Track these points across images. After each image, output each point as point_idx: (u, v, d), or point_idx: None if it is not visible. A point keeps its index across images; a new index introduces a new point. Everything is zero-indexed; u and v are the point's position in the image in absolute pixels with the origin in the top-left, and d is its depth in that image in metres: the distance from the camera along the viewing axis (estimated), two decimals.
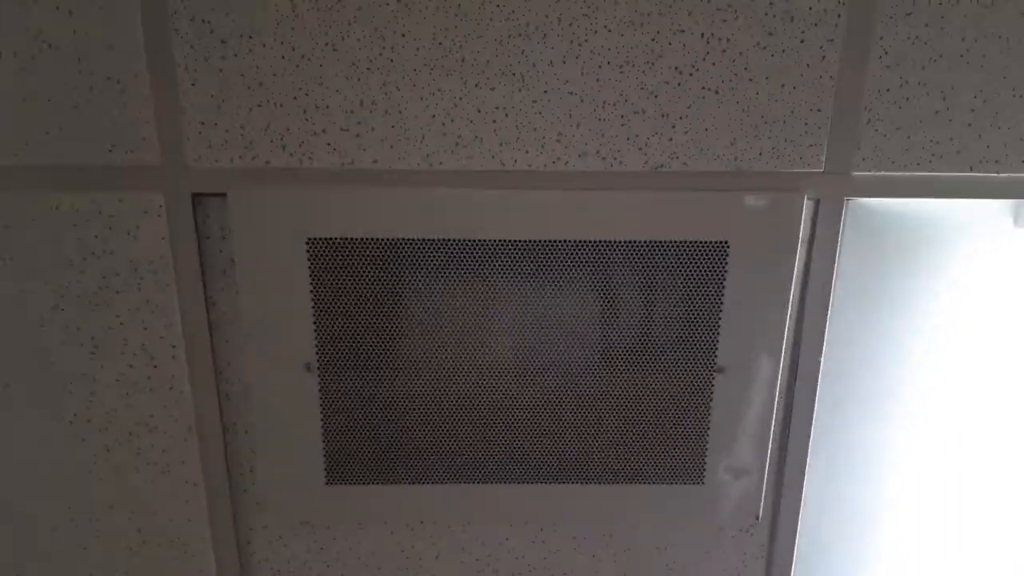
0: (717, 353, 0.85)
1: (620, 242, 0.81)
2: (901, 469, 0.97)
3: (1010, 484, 0.99)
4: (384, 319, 0.83)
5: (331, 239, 0.79)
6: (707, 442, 0.89)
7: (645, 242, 0.81)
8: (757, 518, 0.93)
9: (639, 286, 0.83)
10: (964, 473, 0.98)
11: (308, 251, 0.80)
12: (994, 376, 0.93)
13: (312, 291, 0.81)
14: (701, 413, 0.88)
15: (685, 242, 0.81)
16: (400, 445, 0.88)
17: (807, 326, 0.88)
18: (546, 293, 0.83)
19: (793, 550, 0.97)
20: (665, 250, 0.81)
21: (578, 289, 0.83)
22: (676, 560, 0.97)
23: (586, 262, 0.82)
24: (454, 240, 0.80)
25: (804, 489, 0.95)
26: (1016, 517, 1.01)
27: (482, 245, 0.81)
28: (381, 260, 0.81)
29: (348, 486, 0.89)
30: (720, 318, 0.84)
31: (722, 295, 0.83)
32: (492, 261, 0.82)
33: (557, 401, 0.87)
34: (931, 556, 1.01)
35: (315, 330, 0.83)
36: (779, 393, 0.90)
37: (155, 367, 0.85)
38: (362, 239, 0.80)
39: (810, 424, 0.92)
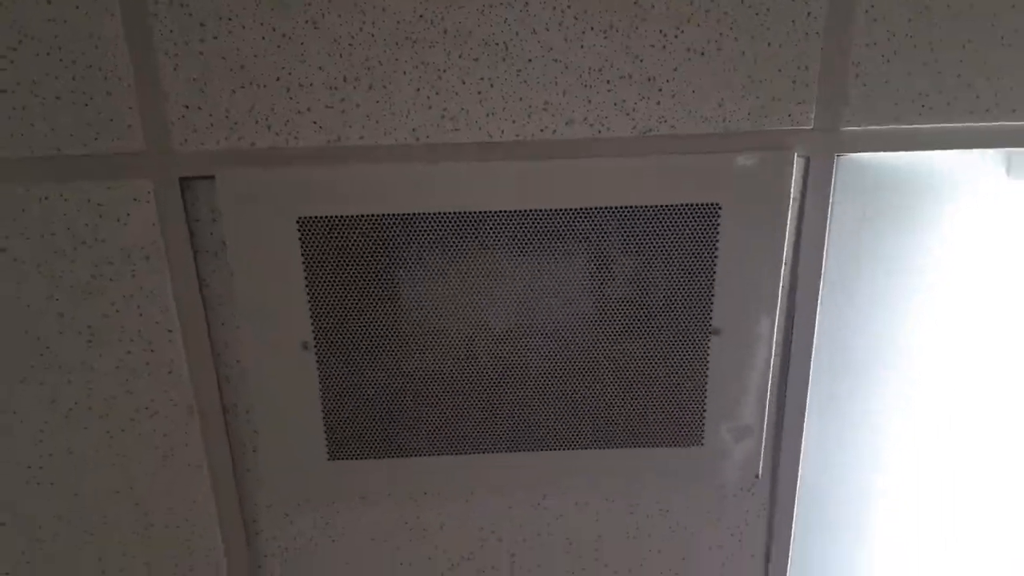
0: (712, 315, 0.88)
1: (611, 208, 0.83)
2: (898, 427, 0.99)
3: (1008, 445, 1.02)
4: (379, 294, 0.86)
5: (321, 217, 0.82)
6: (705, 404, 0.92)
7: (636, 207, 0.83)
8: (757, 477, 0.97)
9: (632, 251, 0.85)
10: (961, 433, 1.00)
11: (299, 230, 0.83)
12: (990, 333, 0.95)
13: (305, 270, 0.84)
14: (698, 375, 0.91)
15: (676, 206, 0.83)
16: (400, 418, 0.91)
17: (801, 284, 0.90)
18: (539, 262, 0.85)
19: (793, 507, 1.00)
20: (657, 214, 0.84)
21: (571, 257, 0.85)
22: (679, 522, 1.01)
23: (578, 230, 0.84)
24: (444, 213, 0.83)
25: (802, 447, 0.98)
26: (1014, 478, 1.04)
27: (472, 217, 0.83)
28: (372, 236, 0.83)
29: (350, 461, 0.93)
30: (714, 280, 0.87)
31: (715, 257, 0.86)
32: (483, 233, 0.84)
33: (554, 369, 0.90)
34: (928, 509, 1.04)
35: (310, 309, 0.86)
36: (775, 353, 0.93)
37: (152, 352, 0.89)
38: (352, 216, 0.82)
39: (807, 383, 0.94)
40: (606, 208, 0.84)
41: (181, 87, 0.80)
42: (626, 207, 0.84)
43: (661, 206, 0.84)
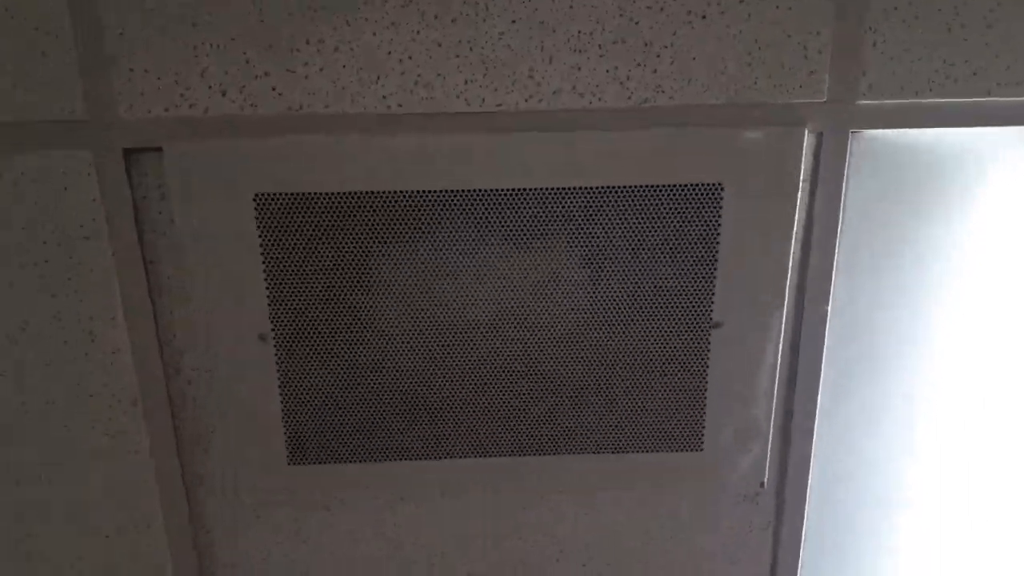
0: (713, 307, 0.88)
1: (602, 188, 0.83)
2: (920, 430, 0.99)
3: None
4: (345, 281, 0.85)
5: (281, 194, 0.82)
6: (705, 404, 0.92)
7: (630, 187, 0.83)
8: (763, 485, 0.96)
9: (625, 236, 0.85)
10: (989, 436, 1.00)
11: (256, 208, 0.82)
12: (1021, 323, 0.95)
13: (263, 253, 0.83)
14: (697, 373, 0.91)
15: (674, 186, 0.83)
16: (370, 418, 0.91)
17: (811, 274, 0.90)
18: (522, 248, 0.85)
19: (803, 519, 1.00)
20: (653, 195, 0.83)
21: (558, 241, 0.85)
22: (675, 534, 1.01)
23: (566, 212, 0.84)
24: (417, 192, 0.82)
25: (813, 453, 0.97)
26: None
27: (449, 196, 0.82)
28: (338, 216, 0.83)
29: (314, 465, 0.92)
30: (716, 268, 0.86)
31: (717, 243, 0.85)
32: (460, 214, 0.83)
33: (540, 366, 0.90)
34: (954, 520, 1.04)
35: (269, 296, 0.85)
36: (783, 349, 0.92)
37: (93, 342, 0.88)
38: (316, 194, 0.82)
39: (817, 382, 0.94)
40: (597, 188, 0.83)
41: (126, 47, 0.78)
42: (619, 187, 0.83)
43: (657, 186, 0.83)
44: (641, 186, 0.83)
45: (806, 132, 0.83)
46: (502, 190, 0.83)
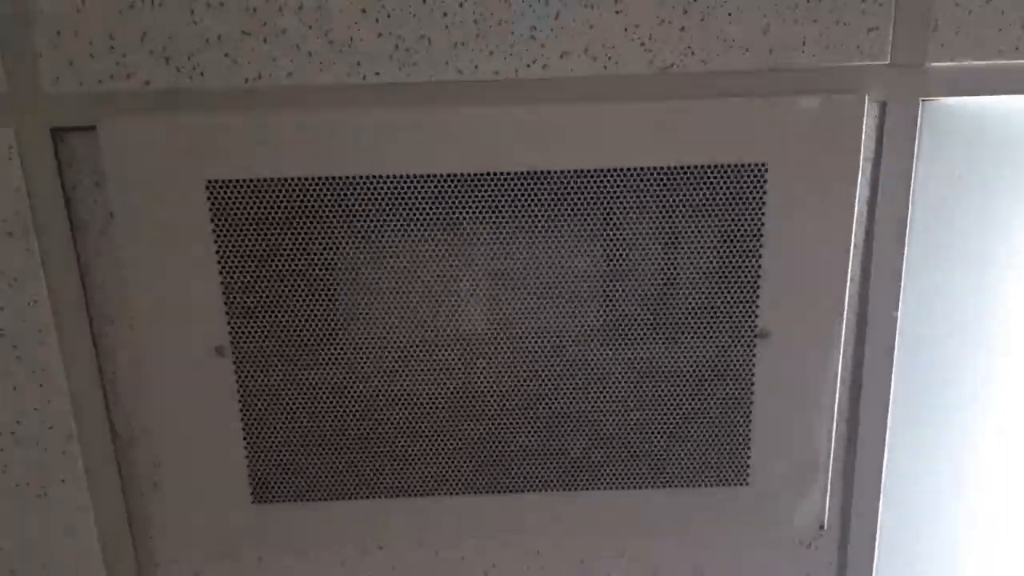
0: (758, 313, 0.85)
1: (620, 171, 0.80)
2: (1012, 463, 0.96)
3: None
4: (315, 284, 0.83)
5: (238, 181, 0.79)
6: (750, 430, 0.89)
7: (654, 170, 0.80)
8: (822, 528, 0.93)
9: (650, 228, 0.83)
10: None
11: (209, 198, 0.80)
12: None
13: (218, 251, 0.81)
14: (740, 393, 0.88)
15: (708, 167, 0.80)
16: (346, 449, 0.89)
17: (876, 271, 0.87)
18: (525, 244, 0.83)
19: (872, 568, 0.98)
20: (682, 179, 0.81)
21: (569, 236, 0.83)
22: None
23: (577, 200, 0.81)
24: (400, 176, 0.80)
25: (883, 487, 0.95)
26: None
27: (438, 182, 0.80)
28: (306, 207, 0.80)
29: (282, 504, 0.90)
30: (760, 266, 0.84)
31: (761, 235, 0.83)
32: (451, 203, 0.81)
33: (548, 384, 0.87)
34: None
35: (226, 302, 0.83)
36: (843, 362, 0.89)
37: (19, 359, 0.86)
38: (280, 180, 0.80)
39: (887, 401, 0.92)
40: (613, 170, 0.81)
41: (52, 6, 0.76)
42: (640, 169, 0.81)
43: (687, 168, 0.81)
44: (666, 168, 0.81)
45: (867, 101, 0.80)
46: (500, 174, 0.81)
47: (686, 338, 0.87)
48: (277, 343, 0.85)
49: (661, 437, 0.90)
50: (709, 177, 0.82)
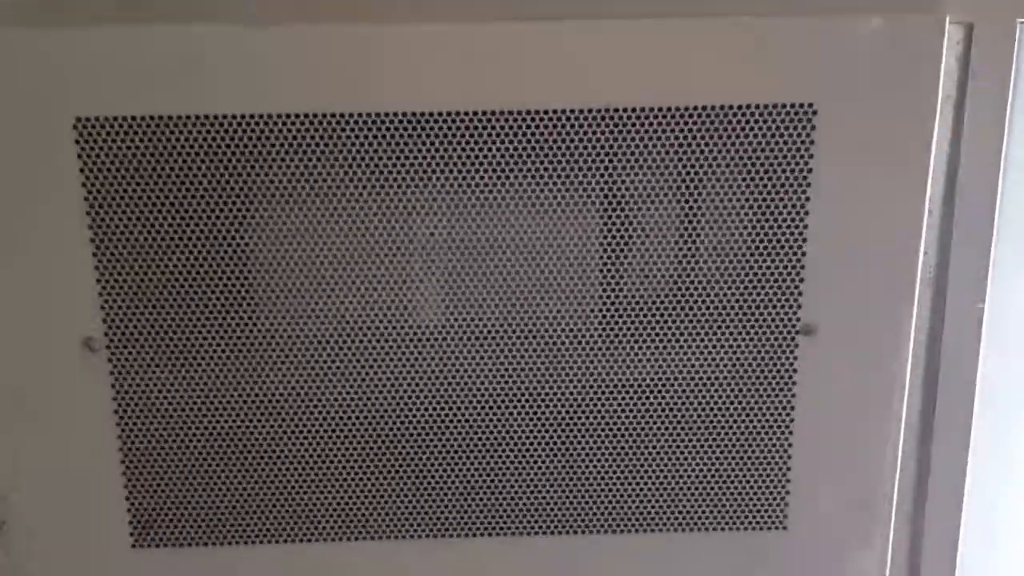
0: (801, 303, 0.81)
1: (626, 112, 0.76)
2: None
3: None
4: (216, 257, 0.79)
5: (117, 119, 0.75)
6: (789, 459, 0.85)
7: (670, 111, 0.76)
8: None
9: (662, 190, 0.79)
10: None
11: (79, 141, 0.76)
12: None
13: (90, 211, 0.77)
14: (777, 408, 0.84)
15: (739, 108, 0.76)
16: (258, 477, 0.85)
17: (957, 250, 0.85)
18: (501, 206, 0.79)
19: None
20: (704, 124, 0.77)
21: (557, 199, 0.79)
22: None
23: (567, 149, 0.77)
24: (332, 116, 0.76)
25: (961, 533, 0.92)
26: None
27: (383, 124, 0.76)
28: (208, 154, 0.76)
29: (170, 548, 0.87)
30: (804, 241, 0.79)
31: (805, 200, 0.78)
32: (403, 150, 0.77)
33: (528, 393, 0.84)
34: None
35: (99, 281, 0.79)
36: (912, 367, 0.84)
37: None
38: (171, 118, 0.75)
39: (969, 421, 0.89)
40: (617, 111, 0.77)
41: None
42: (652, 110, 0.77)
43: (712, 108, 0.77)
44: (686, 109, 0.76)
45: (947, 22, 0.76)
46: (465, 114, 0.77)
47: (707, 335, 0.83)
48: (165, 336, 0.81)
49: (673, 467, 0.87)
50: (739, 122, 0.77)
